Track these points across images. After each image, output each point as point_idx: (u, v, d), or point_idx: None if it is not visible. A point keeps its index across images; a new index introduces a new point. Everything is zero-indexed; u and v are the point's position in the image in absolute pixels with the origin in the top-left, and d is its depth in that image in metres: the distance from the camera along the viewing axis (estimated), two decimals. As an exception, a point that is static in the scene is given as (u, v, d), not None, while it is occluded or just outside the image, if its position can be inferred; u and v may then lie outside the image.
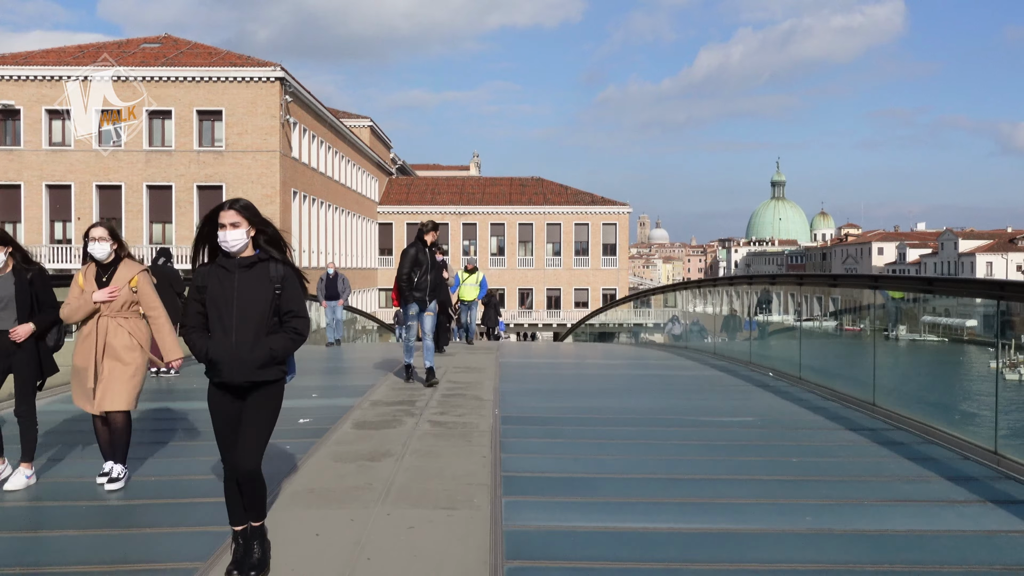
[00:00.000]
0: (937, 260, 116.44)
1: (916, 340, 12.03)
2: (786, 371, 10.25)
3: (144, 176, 39.67)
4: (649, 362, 13.31)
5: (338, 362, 13.29)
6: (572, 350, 16.80)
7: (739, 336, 13.86)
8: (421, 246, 9.68)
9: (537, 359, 13.47)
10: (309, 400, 8.31)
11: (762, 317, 13.45)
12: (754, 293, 14.00)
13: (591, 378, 11.02)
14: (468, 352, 13.39)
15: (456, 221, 67.91)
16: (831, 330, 11.23)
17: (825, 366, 9.87)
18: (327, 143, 50.02)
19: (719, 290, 16.05)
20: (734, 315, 14.74)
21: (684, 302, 19.82)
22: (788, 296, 13.02)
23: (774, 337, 12.64)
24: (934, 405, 8.13)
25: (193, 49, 42.58)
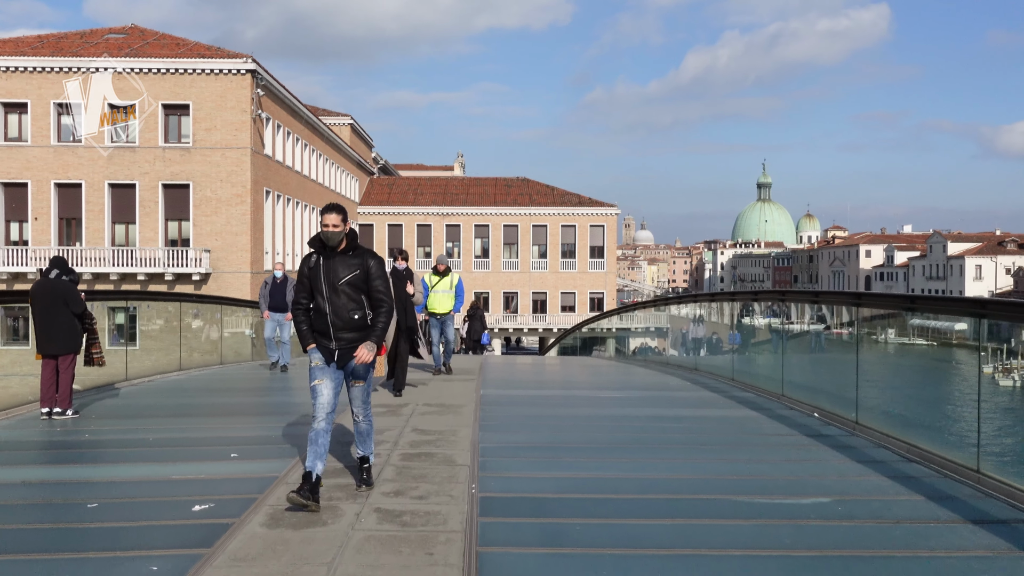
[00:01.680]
0: (926, 263, 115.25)
1: (905, 344, 11.47)
2: (838, 411, 8.30)
3: (106, 174, 37.34)
4: (659, 395, 11.29)
5: (281, 395, 11.10)
6: (561, 372, 14.70)
7: (760, 359, 11.89)
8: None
9: (524, 389, 11.27)
10: (224, 464, 6.23)
11: (800, 326, 11.46)
12: (770, 307, 12.18)
13: (592, 423, 8.77)
14: (444, 381, 11.32)
15: (439, 222, 65.82)
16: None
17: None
18: (303, 140, 47.79)
19: (718, 304, 14.56)
20: (752, 329, 13.02)
21: (677, 317, 17.94)
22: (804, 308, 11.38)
23: (819, 365, 10.68)
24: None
25: (160, 40, 40.29)
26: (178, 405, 9.66)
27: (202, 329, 16.34)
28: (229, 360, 16.20)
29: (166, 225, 37.85)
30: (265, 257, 40.05)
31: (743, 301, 13.76)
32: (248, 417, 8.89)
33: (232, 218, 37.35)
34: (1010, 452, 12.83)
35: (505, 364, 15.76)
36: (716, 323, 14.12)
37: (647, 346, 19.87)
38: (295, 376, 12.91)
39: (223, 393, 11.07)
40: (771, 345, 10.98)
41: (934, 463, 6.12)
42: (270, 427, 7.69)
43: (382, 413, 8.22)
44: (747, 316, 12.89)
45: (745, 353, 12.17)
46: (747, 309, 12.78)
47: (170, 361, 13.72)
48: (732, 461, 6.43)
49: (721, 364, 12.51)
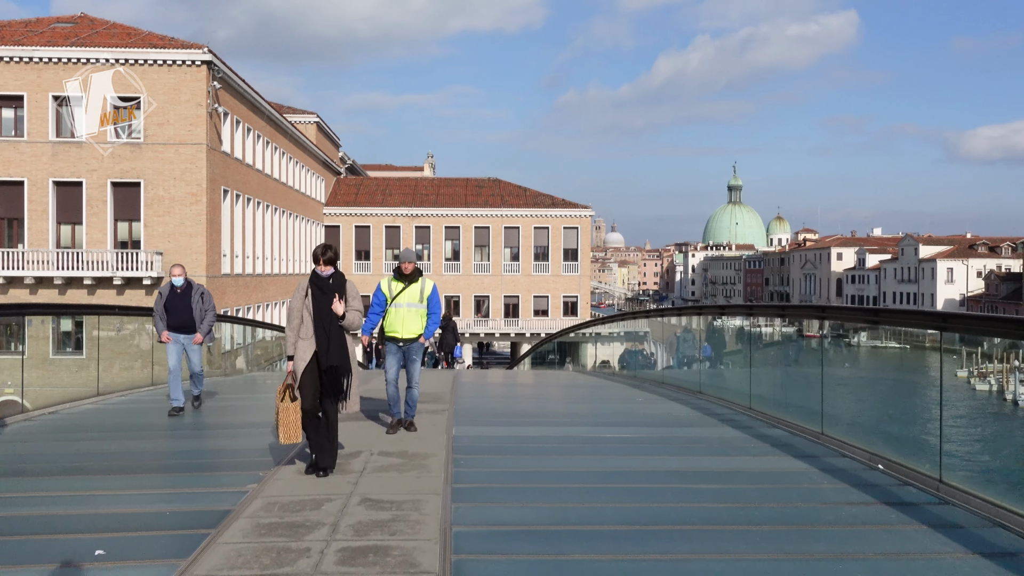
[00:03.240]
0: (897, 266, 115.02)
1: (878, 347, 11.37)
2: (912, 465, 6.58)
3: (50, 171, 34.89)
4: (669, 434, 9.44)
5: (192, 441, 8.68)
6: (543, 398, 12.76)
7: (790, 380, 10.15)
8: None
9: (506, 426, 8.92)
10: (77, 572, 4.28)
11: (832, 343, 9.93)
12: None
13: (601, 487, 6.66)
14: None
15: (408, 223, 63.74)
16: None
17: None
18: (265, 137, 45.53)
19: (701, 317, 13.10)
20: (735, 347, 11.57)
21: (667, 326, 16.18)
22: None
23: (847, 391, 8.98)
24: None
25: (110, 29, 37.89)
26: (64, 455, 7.60)
27: (129, 342, 14.26)
28: (163, 380, 14.11)
29: (115, 226, 35.48)
30: (223, 260, 37.79)
31: (710, 314, 13.21)
32: (149, 475, 6.83)
33: (186, 218, 35.07)
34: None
35: (479, 387, 13.82)
36: (720, 338, 12.36)
37: (632, 359, 18.08)
38: (216, 408, 10.59)
39: (130, 434, 8.95)
40: (806, 365, 9.28)
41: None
42: (176, 496, 5.75)
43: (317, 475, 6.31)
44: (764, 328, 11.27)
45: (773, 375, 10.45)
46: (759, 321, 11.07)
47: (86, 384, 11.66)
48: (812, 557, 4.59)
49: (732, 388, 10.74)
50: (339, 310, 6.50)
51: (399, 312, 8.35)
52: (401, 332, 8.35)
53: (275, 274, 47.57)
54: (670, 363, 13.97)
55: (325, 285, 6.57)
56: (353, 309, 6.63)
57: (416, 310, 8.37)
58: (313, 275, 6.66)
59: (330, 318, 6.46)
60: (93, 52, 34.74)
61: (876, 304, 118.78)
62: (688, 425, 9.06)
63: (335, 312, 6.48)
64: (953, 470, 5.76)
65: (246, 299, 41.27)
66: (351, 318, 6.60)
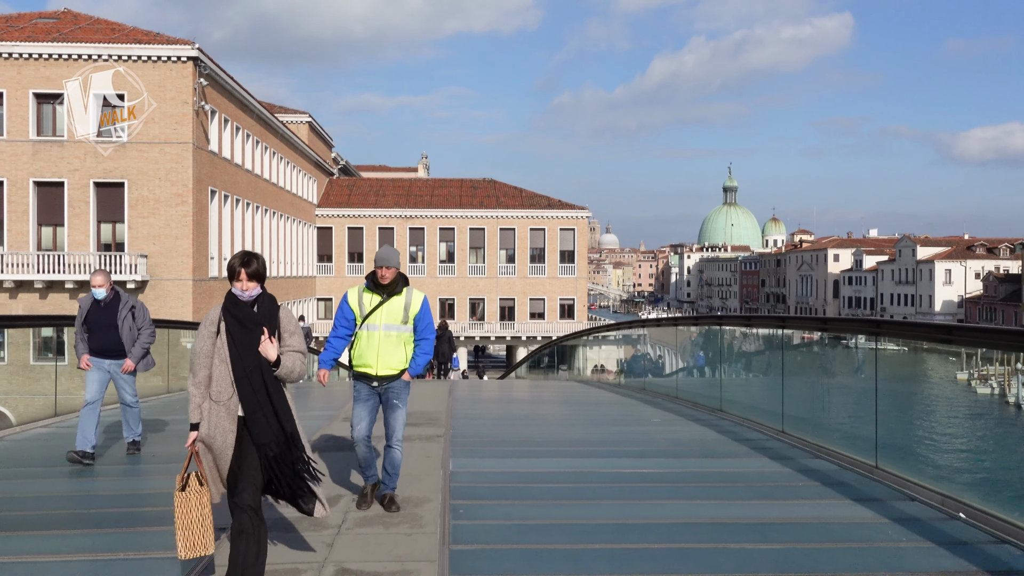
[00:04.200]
0: (895, 267, 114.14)
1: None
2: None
3: (31, 170, 33.67)
4: (705, 470, 8.37)
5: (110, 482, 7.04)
6: (548, 415, 11.66)
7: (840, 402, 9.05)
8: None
9: (511, 456, 7.51)
10: None
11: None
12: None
13: (628, 542, 5.78)
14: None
15: (402, 225, 62.58)
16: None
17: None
18: (255, 137, 44.34)
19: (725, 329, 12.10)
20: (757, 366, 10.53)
21: (682, 334, 15.07)
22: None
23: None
24: None
25: (94, 25, 36.70)
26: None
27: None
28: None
29: (98, 228, 34.27)
30: (210, 263, 36.60)
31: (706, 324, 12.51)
32: (52, 533, 5.59)
33: (172, 220, 33.89)
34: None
35: (477, 404, 12.70)
36: (743, 349, 11.26)
37: (638, 368, 16.94)
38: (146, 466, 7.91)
39: (56, 473, 7.40)
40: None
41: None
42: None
43: (286, 530, 5.21)
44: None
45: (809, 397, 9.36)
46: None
47: (43, 404, 10.53)
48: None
49: (759, 407, 9.65)
50: (271, 353, 4.28)
51: (373, 337, 5.84)
52: (376, 366, 5.84)
53: (266, 277, 46.29)
54: (684, 375, 12.87)
55: (247, 315, 4.36)
56: (291, 350, 4.42)
57: (398, 335, 5.88)
58: (229, 299, 4.43)
59: (257, 366, 4.24)
60: (75, 48, 33.57)
61: (875, 306, 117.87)
62: (718, 455, 7.96)
63: (266, 356, 4.28)
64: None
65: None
66: (290, 364, 4.36)
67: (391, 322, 5.90)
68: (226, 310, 4.40)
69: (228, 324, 4.35)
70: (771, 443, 8.39)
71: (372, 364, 5.88)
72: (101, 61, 33.65)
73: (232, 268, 4.44)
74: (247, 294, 4.44)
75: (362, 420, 5.96)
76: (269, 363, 4.30)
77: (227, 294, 4.49)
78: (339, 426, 9.18)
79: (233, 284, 4.45)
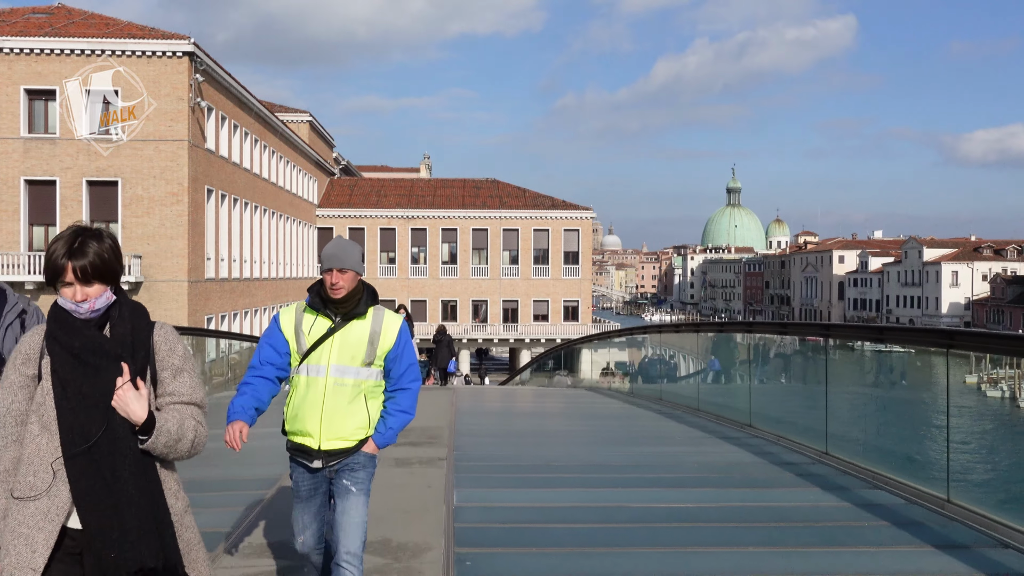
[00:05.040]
0: (901, 269, 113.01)
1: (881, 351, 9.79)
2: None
3: (22, 169, 32.75)
4: (736, 498, 7.41)
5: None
6: (561, 430, 10.67)
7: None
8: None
9: (526, 485, 6.37)
10: None
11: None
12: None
13: None
14: (393, 486, 7.26)
15: (404, 226, 61.64)
16: None
17: None
18: (254, 135, 43.40)
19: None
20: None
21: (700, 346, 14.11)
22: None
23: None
24: None
25: (88, 20, 35.78)
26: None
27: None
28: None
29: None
30: (206, 264, 35.66)
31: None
32: None
33: (167, 219, 32.95)
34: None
35: (481, 416, 11.75)
36: (773, 358, 10.29)
37: (651, 374, 15.95)
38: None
39: None
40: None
41: None
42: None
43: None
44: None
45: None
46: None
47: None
48: None
49: (798, 423, 8.68)
50: (135, 409, 2.43)
51: (315, 387, 3.68)
52: (318, 435, 3.67)
53: (264, 278, 45.44)
54: (706, 385, 11.90)
55: (89, 343, 2.48)
56: (178, 401, 2.57)
57: (355, 383, 3.70)
58: (54, 317, 2.52)
59: (110, 434, 2.42)
60: (68, 43, 32.65)
61: (880, 308, 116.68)
62: (759, 484, 6.98)
63: (126, 414, 2.43)
64: None
65: (232, 305, 39.15)
66: (174, 428, 2.50)
67: (346, 362, 3.67)
68: (51, 336, 2.50)
69: (55, 361, 2.46)
70: (817, 468, 7.42)
71: (313, 431, 3.66)
72: (94, 56, 32.74)
73: (52, 261, 2.48)
74: (85, 307, 2.48)
75: (307, 527, 3.78)
76: (133, 427, 2.43)
77: (51, 308, 2.56)
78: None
79: (59, 290, 2.51)
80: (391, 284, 61.42)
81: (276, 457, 7.46)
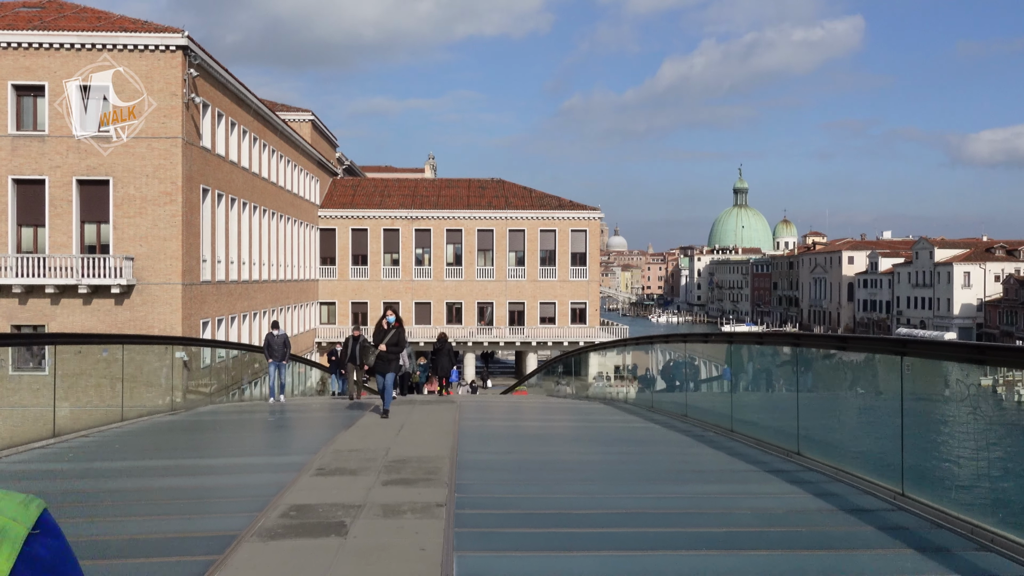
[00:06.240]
0: (912, 270, 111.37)
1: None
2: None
3: (9, 167, 31.50)
4: (811, 567, 6.07)
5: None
6: (572, 470, 9.26)
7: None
8: None
9: (540, 551, 5.55)
10: None
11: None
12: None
13: None
14: (381, 515, 5.96)
15: (408, 226, 60.33)
16: None
17: None
18: (253, 133, 42.13)
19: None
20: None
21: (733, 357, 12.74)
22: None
23: None
24: None
25: (80, 13, 34.54)
26: None
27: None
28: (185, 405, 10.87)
29: (82, 228, 32.06)
30: (202, 266, 34.37)
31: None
32: None
33: (160, 220, 31.67)
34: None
35: (487, 440, 10.42)
36: (837, 380, 8.92)
37: (670, 387, 14.57)
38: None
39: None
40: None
41: None
42: None
43: None
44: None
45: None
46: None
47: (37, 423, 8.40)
48: None
49: (865, 452, 7.32)
50: None
51: None
52: None
53: (263, 280, 44.16)
54: (740, 404, 10.55)
55: None
56: None
57: None
58: None
59: None
60: (57, 37, 31.40)
61: (891, 309, 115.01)
62: (840, 543, 5.58)
63: None
64: None
65: (229, 308, 37.86)
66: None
67: None
68: None
69: None
70: (897, 516, 6.06)
71: None
72: (84, 50, 31.49)
73: None
74: None
75: None
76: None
77: None
78: (311, 483, 6.82)
79: None
80: (394, 286, 60.12)
81: (241, 500, 6.23)
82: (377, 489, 6.79)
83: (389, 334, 11.77)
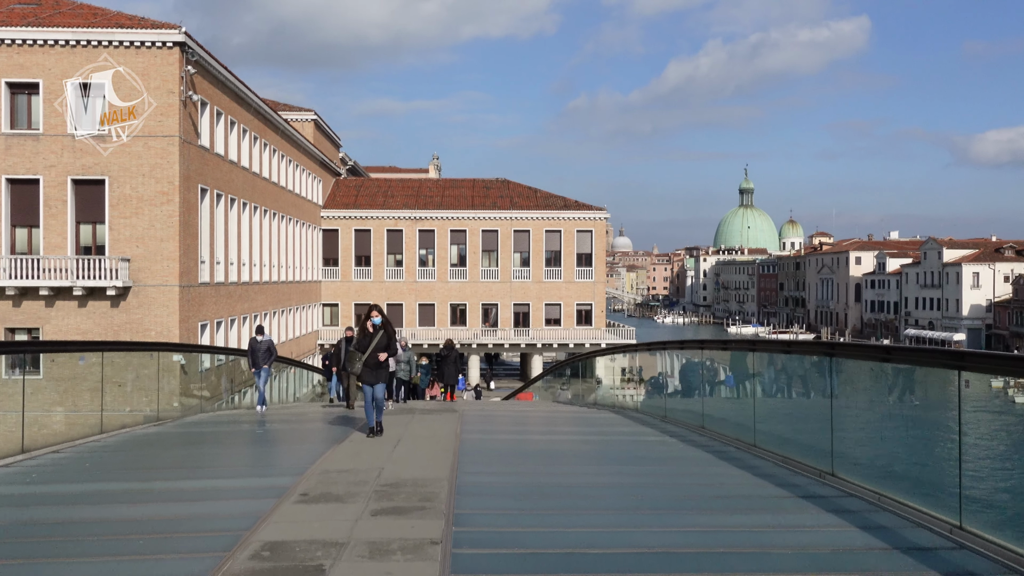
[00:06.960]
0: (920, 270, 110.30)
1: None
2: None
3: (3, 167, 30.80)
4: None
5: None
6: (591, 498, 8.41)
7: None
8: None
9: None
10: None
11: None
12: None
13: None
14: (375, 546, 5.24)
15: (412, 227, 59.58)
16: None
17: None
18: (253, 133, 41.40)
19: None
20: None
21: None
22: None
23: None
24: None
25: (76, 10, 33.83)
26: None
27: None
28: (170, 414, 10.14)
29: (77, 229, 31.35)
30: (200, 267, 33.64)
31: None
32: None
33: (157, 220, 30.95)
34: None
35: (492, 458, 9.65)
36: (886, 395, 8.11)
37: (688, 397, 13.73)
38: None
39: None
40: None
41: None
42: None
43: None
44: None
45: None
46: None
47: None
48: None
49: (921, 481, 6.53)
50: None
51: None
52: None
53: (264, 282, 43.42)
54: (766, 417, 9.75)
55: None
56: None
57: None
58: None
59: None
60: (51, 33, 30.70)
61: (899, 310, 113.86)
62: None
63: None
64: None
65: (228, 311, 37.12)
66: None
67: None
68: None
69: None
70: (959, 556, 5.27)
71: None
72: (80, 47, 30.79)
73: None
74: None
75: None
76: None
77: None
78: (292, 513, 6.06)
79: None
80: (398, 287, 59.39)
81: (209, 536, 5.34)
82: (365, 521, 6.01)
83: (376, 338, 10.55)
